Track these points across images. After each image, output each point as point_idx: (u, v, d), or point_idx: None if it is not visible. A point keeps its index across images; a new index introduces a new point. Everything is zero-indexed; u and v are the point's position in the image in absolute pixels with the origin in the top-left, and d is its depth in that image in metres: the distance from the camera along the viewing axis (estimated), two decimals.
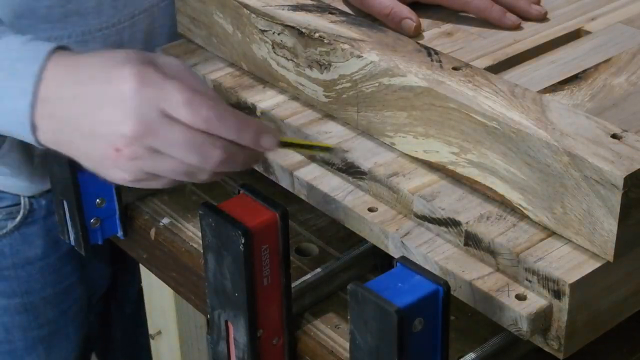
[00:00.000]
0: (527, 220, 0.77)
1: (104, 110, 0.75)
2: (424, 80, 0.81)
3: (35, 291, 1.13)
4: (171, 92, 0.74)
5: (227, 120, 0.74)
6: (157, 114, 0.74)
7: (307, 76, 0.92)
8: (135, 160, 0.74)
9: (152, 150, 0.74)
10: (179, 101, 0.73)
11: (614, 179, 0.69)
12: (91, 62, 0.78)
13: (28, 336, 1.15)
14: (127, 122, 0.74)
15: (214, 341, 0.85)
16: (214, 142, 0.74)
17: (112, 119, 0.74)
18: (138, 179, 0.77)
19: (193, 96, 0.74)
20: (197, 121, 0.73)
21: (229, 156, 0.75)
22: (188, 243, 0.97)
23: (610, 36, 0.94)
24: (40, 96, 0.78)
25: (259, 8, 0.94)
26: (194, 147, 0.74)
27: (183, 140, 0.73)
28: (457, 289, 0.76)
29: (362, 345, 0.69)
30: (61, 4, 1.00)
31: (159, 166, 0.75)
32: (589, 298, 0.73)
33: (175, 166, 0.75)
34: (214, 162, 0.74)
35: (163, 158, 0.74)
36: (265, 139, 0.76)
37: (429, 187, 0.82)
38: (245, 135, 0.75)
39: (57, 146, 0.80)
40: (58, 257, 1.14)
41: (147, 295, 1.13)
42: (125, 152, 0.74)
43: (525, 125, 0.75)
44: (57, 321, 1.16)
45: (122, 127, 0.74)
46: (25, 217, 1.10)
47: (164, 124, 0.74)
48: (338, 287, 0.90)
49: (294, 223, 0.99)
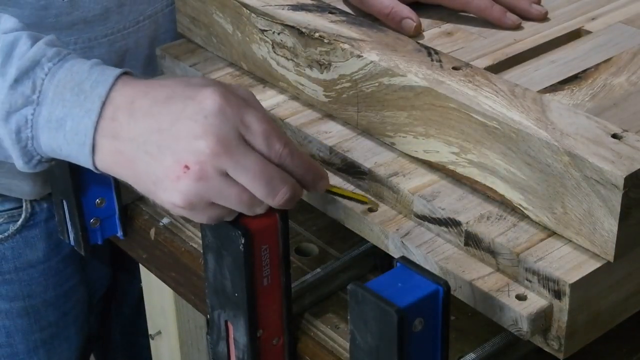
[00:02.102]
0: (527, 220, 0.77)
1: (182, 123, 0.73)
2: (424, 80, 0.81)
3: (37, 294, 1.13)
4: (252, 120, 0.74)
5: (298, 159, 0.75)
6: (236, 137, 0.73)
7: (307, 76, 0.92)
8: (200, 182, 0.73)
9: (221, 173, 0.73)
10: (258, 130, 0.74)
11: (615, 179, 0.69)
12: (168, 84, 0.77)
13: (29, 339, 1.15)
14: (207, 137, 0.72)
15: (213, 341, 0.85)
16: (285, 177, 0.75)
17: (190, 133, 0.73)
18: (191, 205, 0.74)
19: (272, 129, 0.74)
20: (272, 154, 0.74)
21: (293, 193, 0.75)
22: (188, 243, 0.97)
23: (610, 36, 0.94)
24: (105, 115, 0.76)
25: (258, 8, 0.94)
26: (264, 177, 0.73)
27: (257, 168, 0.73)
28: (457, 289, 0.76)
29: (362, 345, 0.69)
30: (68, 12, 1.00)
31: (223, 190, 0.73)
32: (589, 298, 0.73)
33: (240, 193, 0.74)
34: (280, 197, 0.74)
35: (230, 183, 0.73)
36: (322, 183, 0.78)
37: (429, 187, 0.82)
38: (309, 176, 0.77)
39: (113, 168, 0.78)
40: (59, 260, 1.14)
41: (147, 296, 1.13)
42: (194, 170, 0.72)
43: (526, 125, 0.75)
44: (58, 324, 1.16)
45: (200, 142, 0.72)
46: (27, 220, 1.10)
47: (241, 148, 0.73)
48: (338, 287, 0.90)
49: (294, 223, 0.99)
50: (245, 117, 0.74)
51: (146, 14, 1.07)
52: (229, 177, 0.73)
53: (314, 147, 0.89)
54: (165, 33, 1.10)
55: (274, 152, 0.74)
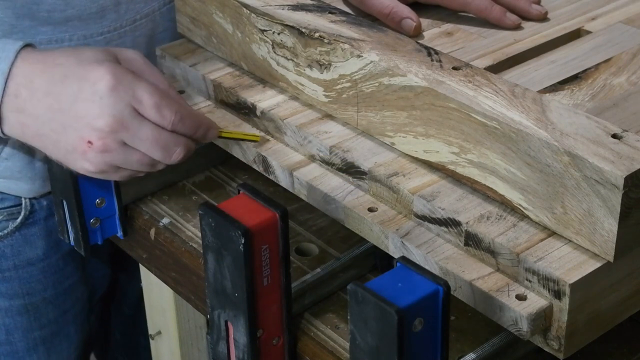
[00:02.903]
0: (527, 220, 0.77)
1: (80, 105, 0.84)
2: (424, 80, 0.81)
3: (37, 292, 1.13)
4: (143, 94, 0.84)
5: (187, 120, 0.86)
6: (130, 112, 0.84)
7: (307, 76, 0.92)
8: (105, 153, 0.84)
9: (122, 143, 0.84)
10: (149, 103, 0.84)
11: (615, 179, 0.69)
12: (62, 62, 0.86)
13: (29, 337, 1.15)
14: (103, 117, 0.83)
15: (213, 341, 0.85)
16: (177, 140, 0.86)
17: (88, 113, 0.83)
18: (101, 171, 0.86)
19: (161, 100, 0.85)
20: (164, 123, 0.85)
21: (187, 151, 0.87)
22: (188, 243, 0.97)
23: (610, 36, 0.94)
24: (9, 92, 0.86)
25: (258, 8, 0.94)
26: (159, 144, 0.85)
27: (151, 137, 0.84)
28: (457, 289, 0.76)
29: (362, 345, 0.69)
30: (61, 9, 1.00)
31: (126, 158, 0.85)
32: (589, 298, 0.73)
33: (141, 159, 0.86)
34: (175, 157, 0.86)
35: (131, 151, 0.85)
36: (211, 133, 0.90)
37: (429, 187, 0.82)
38: (199, 132, 0.88)
39: (22, 137, 0.89)
40: (59, 258, 1.13)
41: (146, 296, 1.13)
42: (97, 145, 0.84)
43: (526, 125, 0.75)
44: (58, 322, 1.16)
45: (98, 121, 0.83)
46: (27, 218, 1.10)
47: (135, 121, 0.84)
48: (338, 287, 0.90)
49: (294, 223, 0.99)
50: (137, 91, 0.84)
51: (143, 12, 1.07)
52: (130, 147, 0.85)
53: (314, 147, 0.89)
54: (163, 32, 1.10)
55: (166, 120, 0.85)
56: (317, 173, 0.88)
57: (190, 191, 1.05)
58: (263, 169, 0.92)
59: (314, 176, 0.88)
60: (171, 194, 1.05)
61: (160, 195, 1.04)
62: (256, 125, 0.95)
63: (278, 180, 0.90)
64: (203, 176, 1.07)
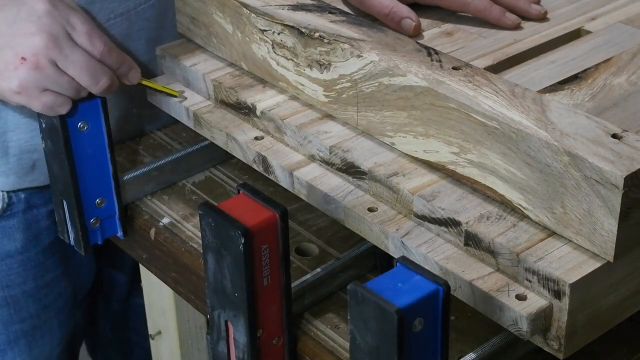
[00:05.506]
0: (527, 220, 0.77)
1: (17, 25, 0.90)
2: (424, 80, 0.81)
3: (16, 285, 1.12)
4: (76, 22, 0.91)
5: (114, 53, 0.93)
6: (64, 35, 0.90)
7: (307, 76, 0.92)
8: (36, 70, 0.89)
9: (53, 63, 0.89)
10: (82, 30, 0.91)
11: (614, 179, 0.69)
12: None
13: (9, 330, 1.14)
14: (39, 34, 0.89)
15: (213, 341, 0.85)
16: (105, 70, 0.92)
17: (25, 31, 0.90)
18: (26, 90, 0.90)
19: (93, 30, 0.92)
20: (94, 51, 0.92)
21: (111, 83, 0.93)
22: (188, 243, 0.97)
23: (610, 36, 0.94)
24: None
25: (258, 8, 0.94)
26: (89, 70, 0.91)
27: (82, 61, 0.90)
28: (457, 289, 0.76)
29: (362, 345, 0.69)
30: None
31: (55, 80, 0.90)
32: (589, 298, 0.73)
33: (69, 81, 0.91)
34: (100, 85, 0.92)
35: (60, 73, 0.90)
36: (132, 73, 0.96)
37: (429, 187, 0.82)
38: (123, 67, 0.95)
39: None
40: (38, 251, 1.13)
41: (146, 296, 1.13)
42: (30, 61, 0.89)
43: (526, 125, 0.75)
44: (39, 316, 1.16)
45: (35, 37, 0.89)
46: (4, 210, 1.09)
47: (68, 43, 0.90)
48: (338, 287, 0.90)
49: (294, 223, 0.99)
50: (71, 18, 0.91)
51: (118, 11, 1.06)
52: (59, 68, 0.90)
53: (313, 147, 0.89)
54: (139, 31, 1.09)
55: (96, 49, 0.92)
56: (317, 173, 0.88)
57: (190, 191, 1.05)
58: (263, 169, 0.92)
59: (314, 176, 0.88)
60: (171, 194, 1.05)
61: (160, 195, 1.04)
62: (256, 125, 0.95)
63: (278, 180, 0.90)
64: (203, 176, 1.07)
